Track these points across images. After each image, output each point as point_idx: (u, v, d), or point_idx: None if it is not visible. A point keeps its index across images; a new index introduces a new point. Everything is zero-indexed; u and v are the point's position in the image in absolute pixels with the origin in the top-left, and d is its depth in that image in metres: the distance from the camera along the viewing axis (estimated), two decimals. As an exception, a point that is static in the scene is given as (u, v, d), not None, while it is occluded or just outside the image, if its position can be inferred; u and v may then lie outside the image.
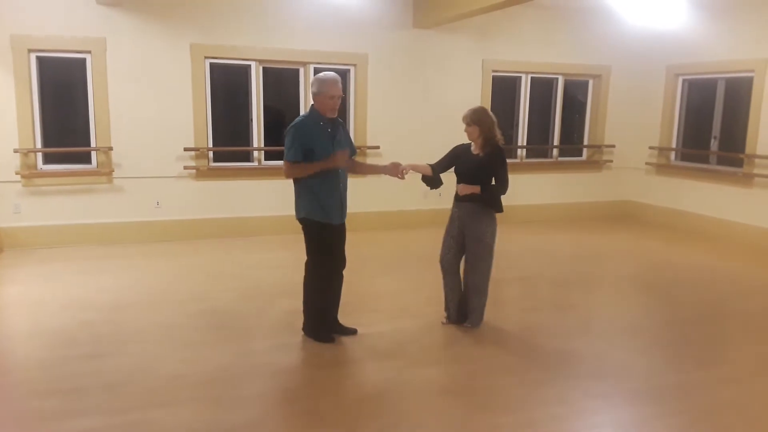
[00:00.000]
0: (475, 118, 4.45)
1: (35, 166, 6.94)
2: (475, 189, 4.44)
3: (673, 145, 9.06)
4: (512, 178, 4.53)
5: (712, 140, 8.55)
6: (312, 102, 4.27)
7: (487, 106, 8.57)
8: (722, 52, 8.10)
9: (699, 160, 8.75)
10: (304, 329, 4.47)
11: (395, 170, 4.48)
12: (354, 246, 4.49)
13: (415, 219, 8.38)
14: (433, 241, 7.10)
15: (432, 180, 4.68)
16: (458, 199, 4.58)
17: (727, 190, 8.17)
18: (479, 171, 4.47)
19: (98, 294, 5.39)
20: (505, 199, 4.53)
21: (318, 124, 4.20)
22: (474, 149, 4.55)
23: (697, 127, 8.85)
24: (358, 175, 5.03)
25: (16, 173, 6.78)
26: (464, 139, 4.63)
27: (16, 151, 6.73)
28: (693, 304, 5.51)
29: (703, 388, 3.82)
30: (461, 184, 4.51)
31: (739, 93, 8.20)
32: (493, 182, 4.51)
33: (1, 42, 6.56)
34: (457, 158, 4.62)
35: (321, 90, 4.16)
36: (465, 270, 4.63)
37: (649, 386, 3.82)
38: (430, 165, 4.67)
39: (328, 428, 3.29)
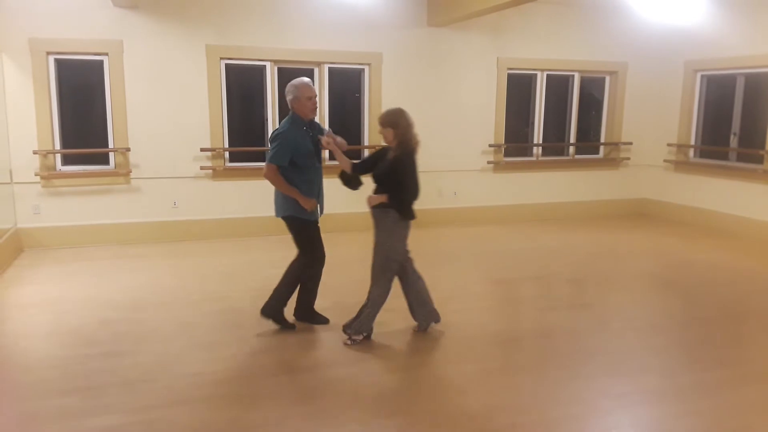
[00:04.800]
0: (390, 120, 4.08)
1: (54, 168, 7.03)
2: (382, 198, 4.09)
3: (692, 142, 8.95)
4: (528, 176, 4.48)
5: (732, 137, 8.44)
6: (291, 109, 4.40)
7: (503, 104, 8.56)
8: (741, 47, 7.98)
9: (718, 157, 8.64)
10: (263, 311, 4.57)
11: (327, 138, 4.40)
12: (364, 246, 4.47)
13: (426, 219, 8.35)
14: (445, 240, 7.07)
15: (349, 179, 4.38)
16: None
17: (747, 188, 8.06)
18: (385, 177, 4.12)
19: (117, 293, 5.45)
20: (521, 197, 4.44)
21: (302, 130, 4.39)
22: (391, 153, 4.15)
23: (716, 123, 8.73)
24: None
25: (36, 174, 6.87)
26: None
27: (35, 152, 6.83)
28: (712, 302, 5.45)
29: (723, 388, 3.78)
30: (369, 196, 4.15)
31: (759, 89, 8.09)
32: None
33: (20, 45, 6.66)
34: (377, 160, 4.25)
35: (297, 95, 4.34)
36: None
37: (668, 385, 3.79)
38: (353, 162, 4.36)
39: (344, 427, 3.29)
